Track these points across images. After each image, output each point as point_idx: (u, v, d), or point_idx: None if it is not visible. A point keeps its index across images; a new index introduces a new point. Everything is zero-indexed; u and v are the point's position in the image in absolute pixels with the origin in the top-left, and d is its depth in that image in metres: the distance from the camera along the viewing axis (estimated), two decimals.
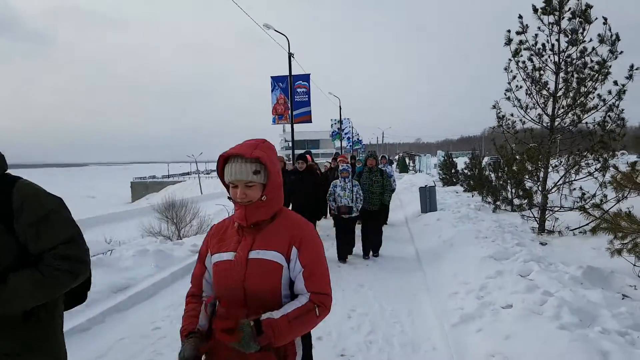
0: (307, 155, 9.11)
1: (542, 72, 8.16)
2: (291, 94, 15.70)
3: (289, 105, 15.90)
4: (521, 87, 8.44)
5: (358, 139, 49.23)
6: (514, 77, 8.41)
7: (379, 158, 10.31)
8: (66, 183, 68.07)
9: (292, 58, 15.06)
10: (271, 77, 16.93)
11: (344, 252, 7.32)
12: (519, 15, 8.15)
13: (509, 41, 8.22)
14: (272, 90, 16.68)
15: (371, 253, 7.64)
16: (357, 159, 14.67)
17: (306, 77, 17.07)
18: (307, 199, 7.70)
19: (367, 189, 7.32)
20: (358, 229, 7.82)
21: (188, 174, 61.73)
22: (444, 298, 5.10)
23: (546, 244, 7.35)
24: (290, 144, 16.46)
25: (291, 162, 10.64)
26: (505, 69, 8.42)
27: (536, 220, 8.57)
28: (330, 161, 12.20)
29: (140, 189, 49.49)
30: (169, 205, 16.98)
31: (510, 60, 8.36)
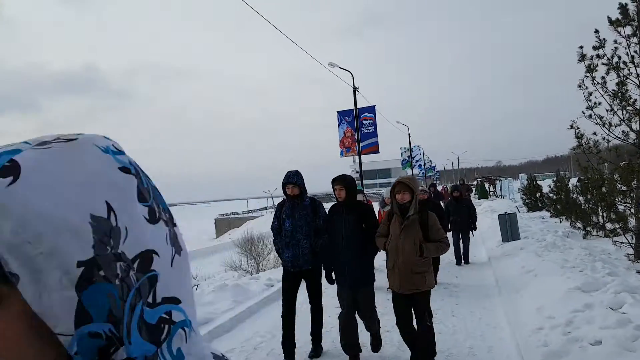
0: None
1: (624, 86, 7.59)
2: (357, 127, 15.98)
3: (356, 137, 16.18)
4: (600, 103, 7.89)
5: (431, 165, 48.03)
6: (590, 94, 7.90)
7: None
8: None
9: (356, 92, 15.42)
10: (337, 111, 17.44)
11: None
12: (595, 30, 7.73)
13: (582, 57, 7.79)
14: (338, 125, 17.13)
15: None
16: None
17: (371, 109, 17.32)
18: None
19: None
20: None
21: (265, 208, 63.90)
22: (527, 334, 4.78)
23: None
24: (359, 175, 16.64)
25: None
26: (579, 86, 7.94)
27: (631, 246, 7.76)
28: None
29: (223, 224, 51.88)
30: (248, 240, 17.70)
31: (586, 76, 7.89)
